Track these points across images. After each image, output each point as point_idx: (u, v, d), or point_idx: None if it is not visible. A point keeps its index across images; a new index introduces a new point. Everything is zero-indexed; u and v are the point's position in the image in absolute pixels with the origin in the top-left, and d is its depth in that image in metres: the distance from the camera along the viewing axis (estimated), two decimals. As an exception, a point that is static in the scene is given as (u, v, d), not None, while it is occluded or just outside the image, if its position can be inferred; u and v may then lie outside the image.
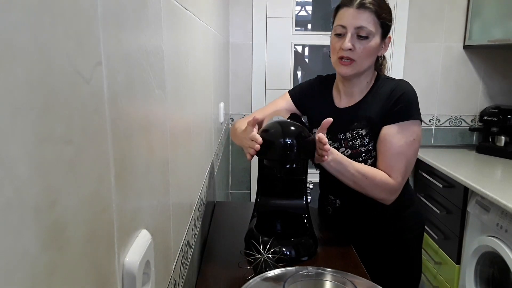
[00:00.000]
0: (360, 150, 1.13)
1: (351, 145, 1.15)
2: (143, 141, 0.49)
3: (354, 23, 1.07)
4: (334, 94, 1.26)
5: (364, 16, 1.06)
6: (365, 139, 1.13)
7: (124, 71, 0.41)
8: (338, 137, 1.18)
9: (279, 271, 0.92)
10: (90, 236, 0.33)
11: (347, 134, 1.16)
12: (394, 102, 1.09)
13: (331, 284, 0.85)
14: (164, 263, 0.61)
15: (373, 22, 1.06)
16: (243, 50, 2.33)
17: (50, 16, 0.26)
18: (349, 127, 1.16)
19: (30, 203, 0.24)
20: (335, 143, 1.19)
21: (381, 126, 1.10)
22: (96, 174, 0.34)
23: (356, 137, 1.15)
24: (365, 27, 1.06)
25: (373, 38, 1.08)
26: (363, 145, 1.13)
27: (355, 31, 1.07)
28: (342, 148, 1.17)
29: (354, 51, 1.08)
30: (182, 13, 0.76)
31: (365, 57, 1.09)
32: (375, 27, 1.07)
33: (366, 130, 1.13)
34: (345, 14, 1.09)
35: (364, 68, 1.12)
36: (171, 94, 0.65)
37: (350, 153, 1.14)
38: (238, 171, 2.46)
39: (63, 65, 0.28)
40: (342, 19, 1.09)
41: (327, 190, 1.29)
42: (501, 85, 2.41)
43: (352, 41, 1.07)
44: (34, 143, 0.25)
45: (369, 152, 1.13)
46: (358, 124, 1.15)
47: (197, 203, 0.99)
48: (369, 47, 1.08)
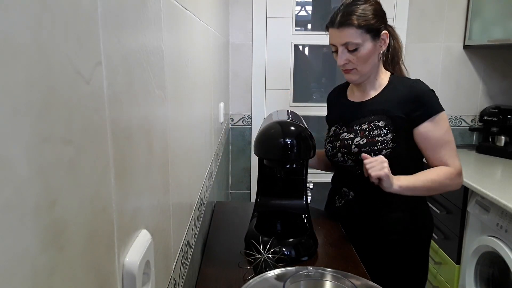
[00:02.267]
0: (376, 140, 1.18)
1: (367, 135, 1.20)
2: (143, 141, 0.49)
3: (339, 41, 1.15)
4: (348, 92, 1.35)
5: (346, 33, 1.13)
6: (382, 130, 1.18)
7: (124, 71, 0.41)
8: (353, 128, 1.24)
9: (279, 271, 0.92)
10: (90, 236, 0.33)
11: (363, 125, 1.22)
12: (417, 103, 1.15)
13: (331, 284, 0.85)
14: (164, 263, 0.61)
15: (356, 34, 1.13)
16: (243, 50, 2.33)
17: (50, 16, 0.26)
18: (366, 119, 1.22)
19: (30, 203, 0.24)
20: (350, 133, 1.24)
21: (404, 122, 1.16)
22: (96, 174, 0.34)
23: (373, 128, 1.20)
24: (350, 42, 1.13)
25: (363, 46, 1.14)
26: (380, 135, 1.18)
27: (343, 47, 1.15)
28: (357, 137, 1.22)
29: (349, 62, 1.17)
30: (182, 13, 0.76)
31: (363, 63, 1.17)
32: (361, 37, 1.13)
33: (384, 122, 1.19)
34: (331, 34, 1.18)
35: (367, 71, 1.19)
36: (171, 94, 0.65)
37: (366, 142, 1.20)
38: (238, 171, 2.46)
39: (63, 65, 0.28)
40: (330, 39, 1.19)
41: (341, 183, 1.33)
42: (501, 85, 2.41)
43: (344, 56, 1.16)
44: (34, 143, 0.25)
45: (386, 142, 1.17)
46: (375, 117, 1.21)
47: (197, 203, 0.99)
48: (362, 55, 1.15)
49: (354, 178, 1.26)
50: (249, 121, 2.41)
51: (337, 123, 1.32)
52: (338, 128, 1.30)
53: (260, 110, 2.39)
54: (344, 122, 1.29)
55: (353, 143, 1.22)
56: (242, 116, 2.40)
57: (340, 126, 1.30)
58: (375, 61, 1.20)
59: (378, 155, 1.15)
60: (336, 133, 1.29)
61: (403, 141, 1.18)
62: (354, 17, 1.12)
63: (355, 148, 1.21)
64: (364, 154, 1.12)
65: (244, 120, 2.40)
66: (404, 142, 1.18)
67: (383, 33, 1.17)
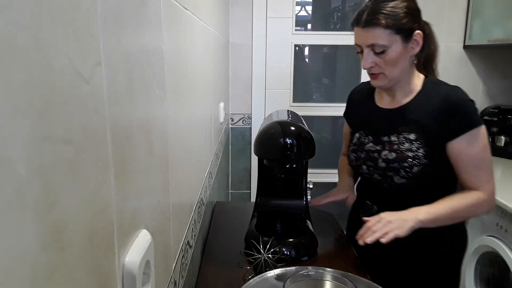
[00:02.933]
0: (406, 155, 1.05)
1: (396, 148, 1.07)
2: (143, 141, 0.49)
3: (365, 42, 1.03)
4: (376, 95, 1.20)
5: (373, 34, 1.00)
6: (413, 144, 1.05)
7: (124, 71, 0.41)
8: (381, 140, 1.11)
9: (279, 271, 0.92)
10: (90, 236, 0.33)
11: (393, 137, 1.09)
12: (453, 114, 1.02)
13: (331, 284, 0.85)
14: (164, 263, 0.61)
15: (384, 35, 1.00)
16: (243, 50, 2.33)
17: (50, 16, 0.26)
18: (395, 130, 1.09)
19: (30, 203, 0.24)
20: (377, 145, 1.12)
21: (439, 135, 1.03)
22: (96, 174, 0.34)
23: (403, 141, 1.07)
24: (376, 44, 1.01)
25: (391, 49, 1.01)
26: (411, 150, 1.05)
27: (369, 48, 1.03)
28: (385, 151, 1.09)
29: (376, 66, 1.04)
30: (182, 13, 0.76)
31: (391, 67, 1.04)
32: (389, 38, 1.00)
33: (415, 135, 1.06)
34: (356, 33, 1.06)
35: (396, 75, 1.06)
36: (171, 94, 0.65)
37: (395, 156, 1.07)
38: (238, 171, 2.46)
39: (63, 65, 0.28)
40: (355, 38, 1.07)
41: (364, 195, 1.22)
42: (501, 85, 2.41)
43: (370, 59, 1.03)
44: (34, 143, 0.25)
45: (417, 158, 1.04)
46: (406, 128, 1.07)
47: (197, 203, 0.99)
48: (390, 58, 1.02)
49: (378, 191, 1.14)
50: (249, 121, 2.41)
51: (361, 130, 1.19)
52: (363, 137, 1.17)
53: (260, 110, 2.39)
54: (370, 130, 1.16)
55: (380, 157, 1.10)
56: (242, 116, 2.40)
57: (365, 135, 1.17)
58: (406, 65, 1.06)
59: (409, 171, 1.04)
60: (361, 142, 1.17)
61: (436, 157, 1.04)
62: (382, 16, 0.99)
63: (382, 162, 1.09)
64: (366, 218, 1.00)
65: (244, 120, 2.40)
66: (437, 158, 1.04)
67: (416, 34, 1.03)
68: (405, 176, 1.05)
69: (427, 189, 1.06)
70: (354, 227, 1.20)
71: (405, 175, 1.05)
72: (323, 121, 2.66)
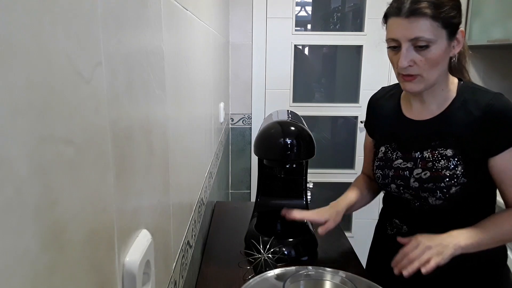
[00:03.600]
0: (443, 174, 0.93)
1: (431, 166, 0.94)
2: (143, 141, 0.49)
3: (406, 35, 0.87)
4: (402, 104, 1.05)
5: (418, 25, 0.86)
6: (451, 162, 0.93)
7: (124, 71, 0.41)
8: (412, 156, 0.98)
9: (279, 271, 0.92)
10: (90, 236, 0.33)
11: (426, 154, 0.96)
12: (497, 125, 0.89)
13: (331, 284, 0.85)
14: (164, 263, 0.61)
15: (431, 28, 0.86)
16: (243, 50, 2.33)
17: (50, 16, 0.26)
18: (428, 145, 0.96)
19: (30, 203, 0.24)
20: (407, 162, 0.99)
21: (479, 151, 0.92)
22: (96, 174, 0.34)
23: (439, 158, 0.94)
24: (421, 37, 0.86)
25: (435, 45, 0.87)
26: (448, 168, 0.92)
27: (410, 43, 0.88)
28: (418, 169, 0.96)
29: (414, 65, 0.89)
30: (182, 13, 0.76)
31: (431, 68, 0.89)
32: (436, 33, 0.86)
33: (453, 151, 0.93)
34: (394, 25, 0.89)
35: (435, 79, 0.91)
36: (171, 94, 0.65)
37: (429, 176, 0.94)
38: (238, 171, 2.46)
39: (63, 65, 0.28)
40: (392, 32, 0.90)
41: (392, 212, 1.09)
42: (501, 85, 2.41)
43: (410, 56, 0.88)
44: (34, 143, 0.25)
45: (456, 177, 0.92)
46: (441, 143, 0.94)
47: (197, 203, 0.99)
48: (433, 57, 0.87)
49: (409, 210, 1.02)
50: (249, 121, 2.41)
51: (388, 144, 1.04)
52: (390, 152, 1.03)
53: (260, 110, 2.39)
54: (398, 144, 1.02)
55: (412, 176, 0.97)
56: (242, 116, 2.40)
57: (392, 149, 1.03)
58: (445, 67, 0.93)
59: (446, 192, 0.92)
60: (388, 158, 1.03)
61: (477, 176, 0.93)
62: (430, 6, 0.85)
63: (415, 182, 0.96)
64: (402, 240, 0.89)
65: (244, 120, 2.41)
66: (478, 176, 0.93)
67: (460, 31, 0.90)
68: (441, 198, 0.93)
69: (465, 210, 0.95)
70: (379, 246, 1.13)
71: (442, 196, 0.93)
72: (323, 121, 2.66)
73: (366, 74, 2.36)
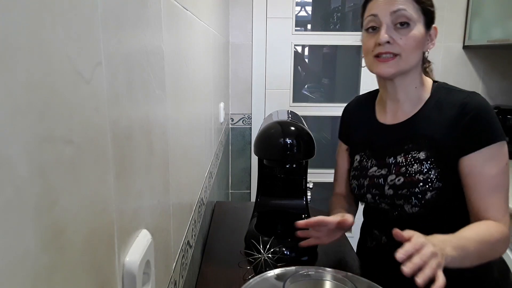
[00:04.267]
0: (417, 179, 0.88)
1: (404, 171, 0.90)
2: (143, 141, 0.49)
3: (388, 8, 0.84)
4: (377, 109, 1.02)
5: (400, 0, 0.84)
6: (424, 165, 0.88)
7: (124, 71, 0.41)
8: (386, 162, 0.93)
9: (279, 270, 0.92)
10: (90, 236, 0.33)
11: (399, 158, 0.91)
12: (470, 123, 0.84)
13: (331, 284, 0.85)
14: (164, 263, 0.61)
15: (412, 7, 0.84)
16: (243, 50, 2.33)
17: (50, 16, 0.26)
18: (401, 149, 0.92)
19: (30, 203, 0.24)
20: (382, 169, 0.94)
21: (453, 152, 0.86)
22: (96, 174, 0.34)
23: (412, 162, 0.89)
24: (404, 10, 0.83)
25: (416, 26, 0.84)
26: (422, 172, 0.87)
27: (391, 18, 0.84)
28: (391, 175, 0.92)
29: (394, 43, 0.85)
30: (182, 13, 0.76)
31: (410, 49, 0.85)
32: (416, 14, 0.84)
33: (426, 154, 0.88)
34: (374, 4, 0.87)
35: (410, 65, 0.87)
36: (171, 94, 0.65)
37: (403, 181, 0.89)
38: (238, 171, 2.46)
39: (63, 65, 0.28)
40: (372, 7, 0.88)
41: (371, 223, 1.05)
42: (501, 85, 2.41)
43: (390, 32, 0.84)
44: (34, 143, 0.25)
45: (430, 181, 0.86)
46: (414, 146, 0.90)
47: (197, 203, 0.99)
48: (413, 36, 0.84)
49: (387, 220, 0.96)
50: (249, 121, 2.41)
51: (362, 152, 1.01)
52: (365, 160, 0.99)
53: (260, 110, 2.39)
54: (372, 151, 0.98)
55: (386, 183, 0.92)
56: (242, 116, 2.40)
57: (367, 157, 0.99)
58: (420, 57, 0.89)
59: (421, 198, 0.87)
60: (363, 167, 0.99)
61: (452, 179, 0.87)
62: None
63: (389, 189, 0.92)
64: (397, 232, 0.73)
65: (244, 120, 2.41)
66: (453, 179, 0.87)
67: (433, 27, 0.89)
68: (417, 204, 0.88)
69: (444, 217, 0.89)
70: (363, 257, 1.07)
71: (417, 203, 0.88)
72: (323, 121, 2.67)
73: (366, 74, 2.36)
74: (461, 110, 0.85)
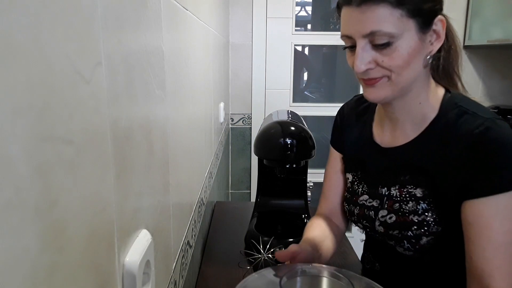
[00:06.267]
0: (410, 220, 0.72)
1: (397, 208, 0.74)
2: (143, 141, 0.49)
3: (360, 29, 0.66)
4: (374, 123, 0.85)
5: (374, 15, 0.64)
6: (420, 205, 0.72)
7: (124, 71, 0.41)
8: (378, 192, 0.79)
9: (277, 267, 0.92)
10: (90, 236, 0.33)
11: (393, 191, 0.76)
12: (483, 161, 0.65)
13: (327, 280, 0.85)
14: (164, 263, 0.61)
15: (391, 18, 0.64)
16: (243, 50, 2.33)
17: (50, 16, 0.26)
18: (397, 180, 0.76)
19: (30, 203, 0.24)
20: (373, 200, 0.80)
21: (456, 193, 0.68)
22: (96, 174, 0.34)
23: (407, 198, 0.73)
24: (379, 31, 0.64)
25: (400, 40, 0.65)
26: (416, 213, 0.72)
27: (366, 40, 0.66)
28: (383, 210, 0.77)
29: (377, 67, 0.68)
30: (182, 13, 0.76)
31: (399, 68, 0.67)
32: (399, 24, 0.64)
33: (423, 192, 0.72)
34: (345, 18, 0.69)
35: (405, 83, 0.69)
36: (171, 94, 0.65)
37: (395, 220, 0.74)
38: (238, 171, 2.46)
39: (63, 65, 0.28)
40: (344, 26, 0.69)
41: (366, 245, 0.93)
42: (501, 85, 2.41)
43: (367, 57, 0.67)
44: (34, 143, 0.25)
45: (426, 225, 0.71)
46: (411, 179, 0.73)
47: (197, 203, 0.99)
48: (399, 54, 0.65)
49: (381, 247, 0.83)
50: (249, 121, 2.41)
51: (354, 172, 0.87)
52: (356, 183, 0.85)
53: (260, 110, 2.39)
54: (364, 174, 0.84)
55: (377, 218, 0.78)
56: (242, 116, 2.40)
57: (358, 180, 0.85)
58: (420, 69, 0.69)
59: (414, 243, 0.72)
60: (354, 191, 0.85)
61: (454, 223, 0.69)
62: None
63: (380, 226, 0.77)
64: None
65: (244, 120, 2.41)
66: (456, 224, 0.69)
67: (437, 21, 0.69)
68: (410, 249, 0.74)
69: (444, 261, 0.75)
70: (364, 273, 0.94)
71: (410, 247, 0.74)
72: (323, 121, 2.67)
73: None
74: (473, 142, 0.66)
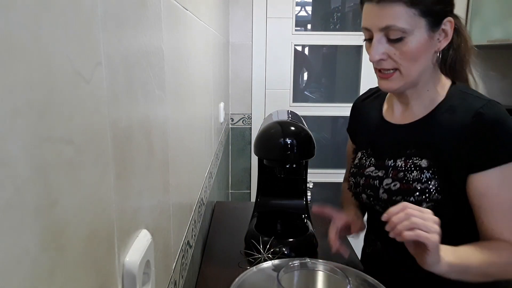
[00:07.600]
0: (413, 187, 0.81)
1: (402, 177, 0.83)
2: (143, 141, 0.49)
3: (377, 23, 0.77)
4: (385, 106, 0.95)
5: (390, 12, 0.75)
6: (424, 174, 0.80)
7: (124, 71, 0.41)
8: (384, 164, 0.87)
9: (275, 261, 0.93)
10: (90, 236, 0.33)
11: (399, 162, 0.84)
12: (486, 136, 0.75)
13: (323, 273, 0.85)
14: (164, 263, 0.61)
15: (406, 15, 0.74)
16: (243, 50, 2.33)
17: (50, 16, 0.26)
18: (403, 153, 0.85)
19: (30, 203, 0.24)
20: (379, 171, 0.88)
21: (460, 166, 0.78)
22: (96, 174, 0.34)
23: (412, 168, 0.82)
24: (393, 26, 0.75)
25: (411, 36, 0.75)
26: (420, 181, 0.80)
27: (382, 33, 0.77)
28: (388, 178, 0.85)
29: (389, 59, 0.78)
30: (182, 13, 0.76)
31: (409, 63, 0.78)
32: (411, 21, 0.75)
33: (428, 163, 0.81)
34: (366, 12, 0.80)
35: (414, 77, 0.80)
36: (171, 94, 0.65)
37: (399, 187, 0.83)
38: (238, 171, 2.46)
39: (63, 65, 0.28)
40: (364, 20, 0.80)
41: (369, 226, 1.01)
42: (501, 85, 2.41)
43: (381, 48, 0.78)
44: (34, 143, 0.25)
45: (428, 192, 0.79)
46: (417, 152, 0.83)
47: (197, 203, 0.99)
48: (409, 50, 0.76)
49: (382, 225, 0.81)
50: (249, 121, 2.41)
51: (364, 149, 0.95)
52: (364, 158, 0.94)
53: (260, 110, 2.39)
54: (373, 151, 0.92)
55: (381, 186, 0.86)
56: (242, 116, 2.40)
57: (367, 156, 0.93)
58: (428, 63, 0.81)
59: None
60: (361, 165, 0.93)
61: (453, 193, 0.79)
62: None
63: (383, 193, 0.85)
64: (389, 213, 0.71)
65: (244, 120, 2.41)
66: (455, 194, 0.79)
67: (446, 21, 0.78)
68: None
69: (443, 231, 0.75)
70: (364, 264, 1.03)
71: None
72: (323, 121, 2.67)
73: (366, 74, 2.36)
74: (476, 120, 0.76)
